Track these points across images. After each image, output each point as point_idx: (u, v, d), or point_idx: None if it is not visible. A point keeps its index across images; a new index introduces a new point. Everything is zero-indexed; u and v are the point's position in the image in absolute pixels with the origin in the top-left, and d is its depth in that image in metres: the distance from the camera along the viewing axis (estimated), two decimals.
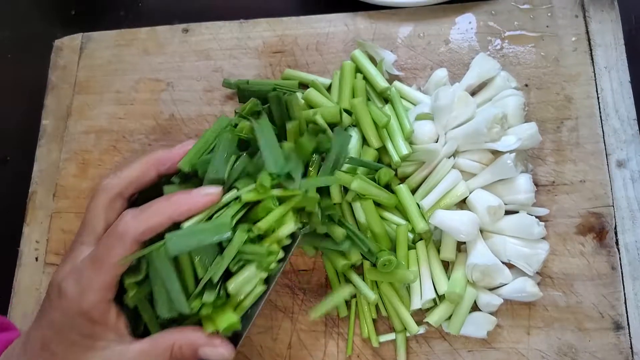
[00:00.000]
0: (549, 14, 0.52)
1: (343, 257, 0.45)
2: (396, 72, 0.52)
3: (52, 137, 0.58)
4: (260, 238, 0.38)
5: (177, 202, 0.36)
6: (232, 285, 0.37)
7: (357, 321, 0.47)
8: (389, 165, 0.48)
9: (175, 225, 0.36)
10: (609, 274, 0.45)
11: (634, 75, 0.50)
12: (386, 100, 0.51)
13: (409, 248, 0.46)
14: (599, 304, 0.44)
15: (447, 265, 0.46)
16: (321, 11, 0.59)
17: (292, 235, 0.40)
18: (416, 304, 0.44)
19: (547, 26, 0.52)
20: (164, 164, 0.40)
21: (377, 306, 0.46)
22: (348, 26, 0.55)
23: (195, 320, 0.38)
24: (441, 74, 0.50)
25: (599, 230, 0.46)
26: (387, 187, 0.48)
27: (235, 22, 0.58)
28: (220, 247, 0.37)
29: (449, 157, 0.46)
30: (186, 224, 0.35)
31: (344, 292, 0.46)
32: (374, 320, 0.46)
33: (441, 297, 0.44)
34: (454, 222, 0.43)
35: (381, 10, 0.55)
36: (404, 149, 0.46)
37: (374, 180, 0.46)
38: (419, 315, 0.46)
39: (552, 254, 0.45)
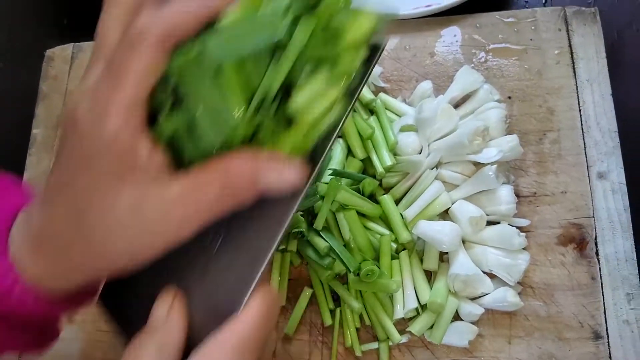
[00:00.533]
0: (532, 28, 0.53)
1: (327, 268, 0.46)
2: (382, 84, 0.53)
3: (42, 146, 0.58)
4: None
5: None
6: (298, 99, 0.27)
7: (342, 330, 0.47)
8: (374, 176, 0.48)
9: (207, 29, 0.26)
10: (589, 284, 0.45)
11: (615, 88, 0.51)
12: (371, 111, 0.52)
13: (393, 258, 0.47)
14: (579, 313, 0.45)
15: (429, 275, 0.47)
16: None
17: (373, 48, 0.30)
18: (399, 313, 0.45)
19: (531, 39, 0.53)
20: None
21: (361, 315, 0.47)
22: None
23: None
24: (426, 86, 0.51)
25: (579, 241, 0.46)
26: (372, 197, 0.49)
27: None
28: (274, 57, 0.26)
29: (432, 168, 0.47)
30: (223, 22, 0.26)
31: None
32: (357, 329, 0.47)
33: (424, 307, 0.45)
34: (437, 232, 0.44)
35: None
36: (388, 160, 0.47)
37: (358, 190, 0.47)
38: (402, 325, 0.46)
39: (533, 264, 0.46)
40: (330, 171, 0.46)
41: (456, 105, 0.49)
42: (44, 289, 0.29)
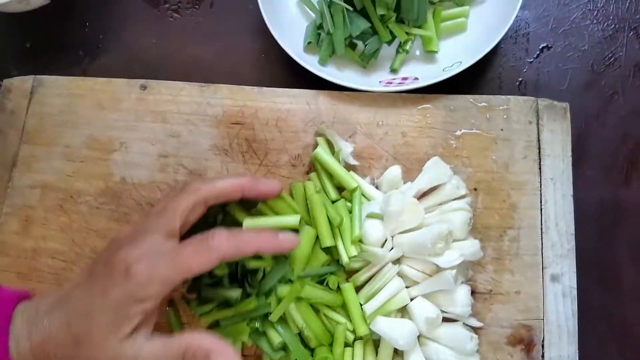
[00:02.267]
0: (504, 116, 0.54)
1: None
2: (353, 162, 0.52)
3: None
4: None
5: (268, 239, 0.41)
6: None
7: None
8: (337, 261, 0.48)
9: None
10: None
11: (577, 179, 0.52)
12: (339, 187, 0.51)
13: (347, 345, 0.47)
14: None
15: None
16: (285, 81, 0.59)
17: None
18: None
19: (502, 129, 0.53)
20: (250, 190, 0.44)
21: None
22: (310, 105, 0.55)
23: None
24: (395, 172, 0.51)
25: (527, 342, 0.48)
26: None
27: (196, 85, 0.57)
28: None
29: (395, 261, 0.48)
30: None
31: None
32: None
33: None
34: (394, 331, 0.45)
35: (344, 91, 0.55)
36: (354, 251, 0.47)
37: (322, 282, 0.48)
38: None
39: None
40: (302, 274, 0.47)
41: (423, 194, 0.50)
42: None
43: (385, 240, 0.48)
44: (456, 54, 0.57)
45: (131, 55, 0.63)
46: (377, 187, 0.52)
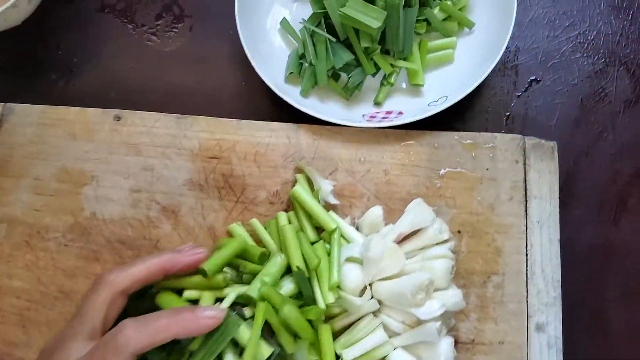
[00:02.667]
0: (490, 155, 0.52)
1: None
2: (333, 201, 0.50)
3: None
4: None
5: (184, 321, 0.37)
6: None
7: None
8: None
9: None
10: None
11: (565, 220, 0.50)
12: (317, 227, 0.49)
13: None
14: None
15: None
16: (267, 111, 0.57)
17: None
18: None
19: (487, 169, 0.52)
20: (172, 267, 0.41)
21: None
22: (290, 139, 0.53)
23: None
24: (376, 213, 0.49)
25: None
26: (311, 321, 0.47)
27: (172, 116, 0.55)
28: None
29: (375, 311, 0.46)
30: None
31: None
32: None
33: None
34: None
35: (325, 126, 0.53)
36: (331, 297, 0.45)
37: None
38: None
39: None
40: None
41: (406, 236, 0.48)
42: None
43: (365, 288, 0.46)
44: (443, 87, 0.55)
45: (106, 81, 0.60)
46: (357, 228, 0.50)
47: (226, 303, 0.43)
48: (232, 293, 0.44)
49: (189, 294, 0.44)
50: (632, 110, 0.56)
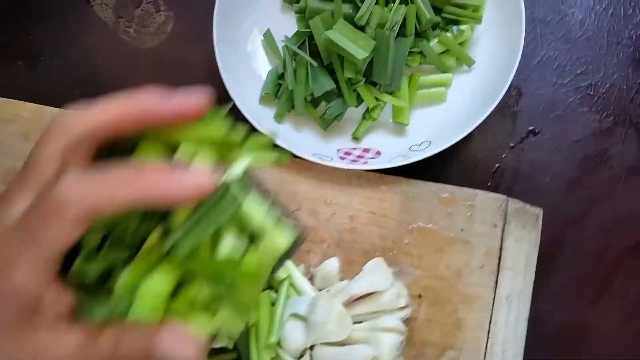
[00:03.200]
0: (468, 214, 0.47)
1: None
2: None
3: None
4: None
5: (152, 179, 0.25)
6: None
7: None
8: None
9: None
10: None
11: (539, 293, 0.46)
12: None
13: None
14: None
15: None
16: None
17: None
18: None
19: (462, 229, 0.47)
20: (154, 111, 0.27)
21: None
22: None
23: None
24: (332, 266, 0.45)
25: None
26: None
27: None
28: None
29: None
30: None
31: None
32: None
33: None
34: None
35: (295, 159, 0.49)
36: (266, 357, 0.42)
37: None
38: None
39: None
40: None
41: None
42: None
43: (305, 350, 0.43)
44: (428, 129, 0.51)
45: (73, 76, 0.56)
46: (311, 277, 0.46)
47: (238, 169, 0.29)
48: (246, 157, 0.30)
49: (185, 151, 0.28)
50: (634, 180, 0.51)
